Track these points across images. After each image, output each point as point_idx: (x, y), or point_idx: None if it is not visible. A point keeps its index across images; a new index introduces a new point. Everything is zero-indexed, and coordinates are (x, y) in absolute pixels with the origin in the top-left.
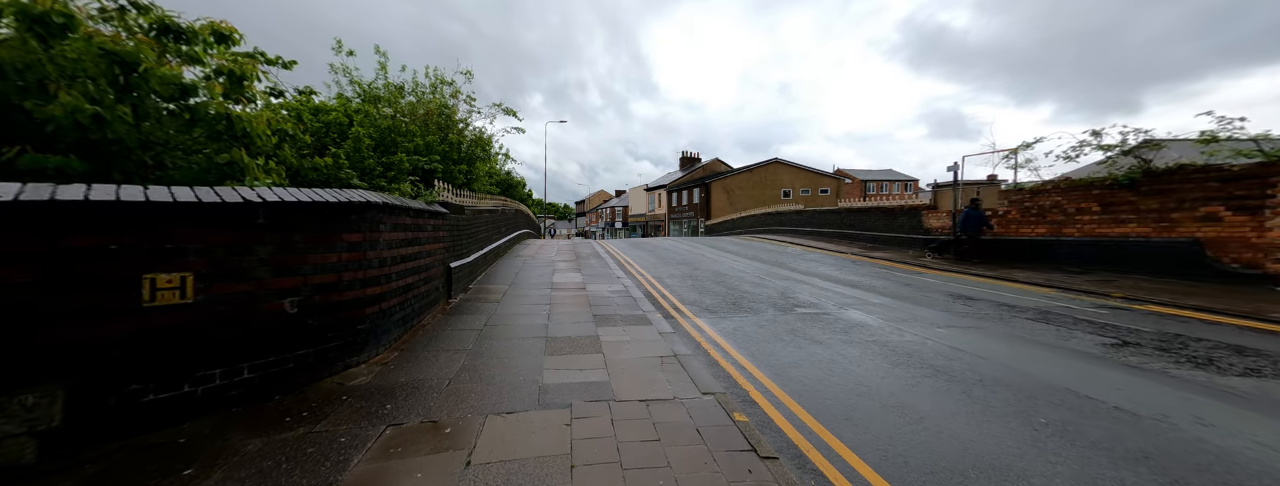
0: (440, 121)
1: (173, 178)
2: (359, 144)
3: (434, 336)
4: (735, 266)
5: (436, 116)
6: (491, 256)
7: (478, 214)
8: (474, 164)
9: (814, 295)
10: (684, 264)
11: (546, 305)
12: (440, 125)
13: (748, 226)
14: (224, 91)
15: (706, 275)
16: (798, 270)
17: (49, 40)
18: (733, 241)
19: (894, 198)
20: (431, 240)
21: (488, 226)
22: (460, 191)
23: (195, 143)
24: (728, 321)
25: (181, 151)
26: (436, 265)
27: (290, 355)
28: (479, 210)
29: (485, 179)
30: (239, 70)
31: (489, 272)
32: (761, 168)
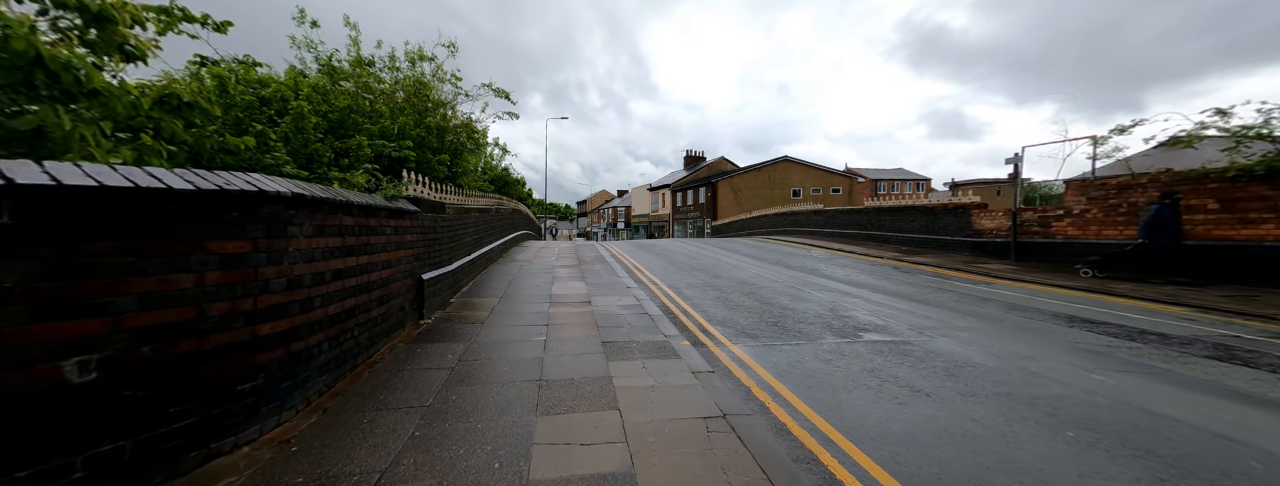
0: (418, 103)
1: None
2: (301, 122)
3: (383, 382)
4: (760, 273)
5: (412, 96)
6: (482, 262)
7: (464, 213)
8: (460, 155)
9: (873, 313)
10: (700, 270)
11: (543, 326)
12: (417, 107)
13: (759, 227)
14: (77, 36)
15: (730, 284)
16: (836, 278)
17: None
18: (747, 243)
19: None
20: (393, 246)
21: (478, 228)
22: (444, 187)
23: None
24: (777, 352)
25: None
26: (400, 278)
27: (73, 457)
28: (466, 209)
29: (477, 175)
30: (98, 6)
31: (478, 282)
32: (770, 166)
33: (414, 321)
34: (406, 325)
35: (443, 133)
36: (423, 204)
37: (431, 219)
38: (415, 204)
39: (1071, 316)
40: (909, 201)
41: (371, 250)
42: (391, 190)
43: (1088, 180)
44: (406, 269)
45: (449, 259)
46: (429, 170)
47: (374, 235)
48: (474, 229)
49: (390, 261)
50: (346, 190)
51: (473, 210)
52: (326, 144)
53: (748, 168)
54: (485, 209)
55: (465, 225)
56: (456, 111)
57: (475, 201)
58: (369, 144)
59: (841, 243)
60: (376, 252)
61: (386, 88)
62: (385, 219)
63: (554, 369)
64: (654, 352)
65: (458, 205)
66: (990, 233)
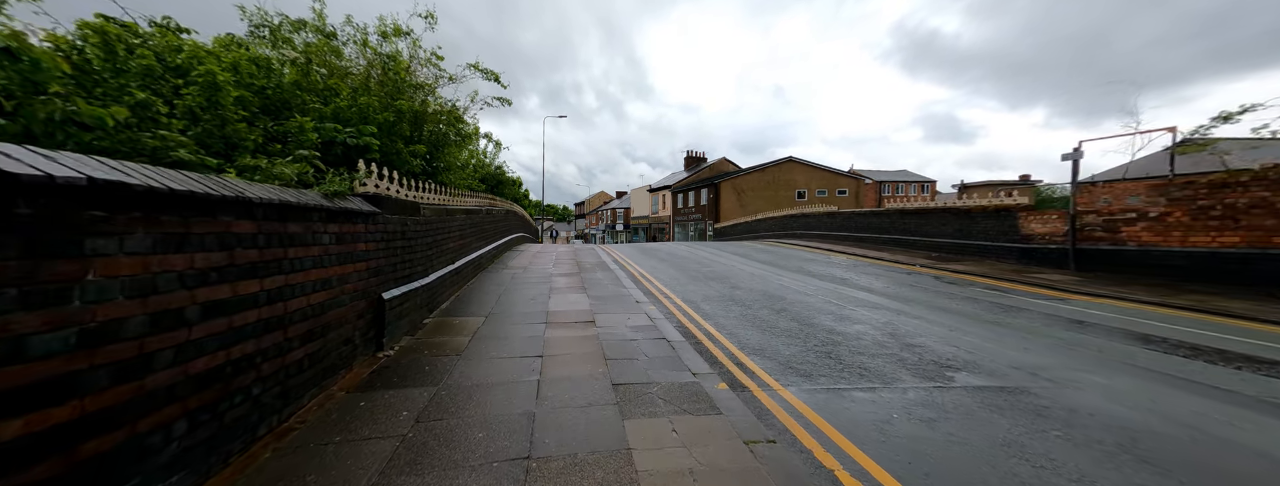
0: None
1: None
2: (216, 94)
3: (289, 470)
4: (785, 283)
5: (381, 74)
6: (470, 271)
7: (447, 215)
8: (443, 148)
9: (946, 341)
10: (715, 279)
11: (536, 359)
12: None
13: (766, 230)
14: None
15: (754, 297)
16: (875, 290)
17: None
18: (757, 247)
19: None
20: (335, 259)
21: (465, 231)
22: (422, 184)
23: None
24: (848, 402)
25: None
26: (347, 300)
27: None
28: (450, 210)
29: (466, 172)
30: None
31: (463, 295)
32: (774, 167)
33: (370, 355)
34: (356, 362)
35: (419, 120)
36: (387, 203)
37: (399, 222)
38: (375, 203)
39: (1244, 355)
40: (939, 203)
41: (293, 266)
42: (336, 185)
43: (1169, 178)
44: (357, 287)
45: (424, 270)
46: (400, 163)
47: (298, 246)
48: (459, 233)
49: (329, 280)
50: (247, 182)
51: (458, 211)
52: (260, 125)
53: (751, 168)
54: (474, 210)
55: (448, 229)
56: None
57: (461, 202)
58: (315, 127)
59: (860, 247)
60: (302, 270)
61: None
62: (320, 223)
63: (549, 435)
64: (684, 402)
65: (438, 206)
66: (1041, 238)
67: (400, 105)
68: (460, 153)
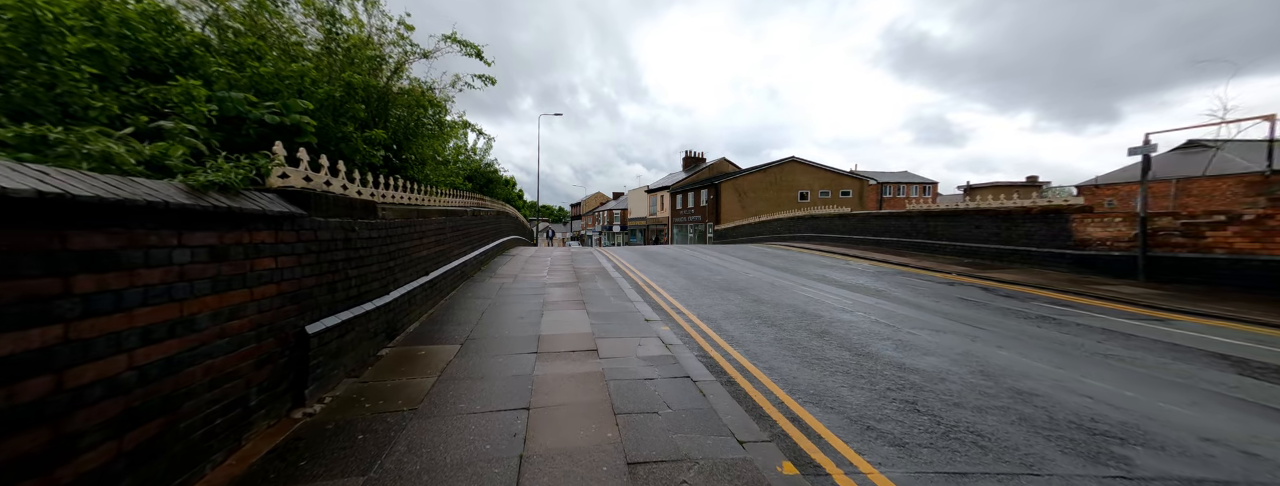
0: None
1: None
2: (35, 38)
3: None
4: (812, 295)
5: (326, 38)
6: (450, 281)
7: (418, 218)
8: (414, 139)
9: (1072, 387)
10: (731, 289)
11: (520, 415)
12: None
13: (771, 232)
14: None
15: (783, 314)
16: (925, 307)
17: None
18: (765, 252)
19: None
20: (208, 285)
21: (444, 236)
22: (388, 180)
23: None
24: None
25: None
26: (228, 347)
27: None
28: (423, 211)
29: (448, 168)
30: None
31: (437, 314)
32: (776, 167)
33: (280, 416)
34: (254, 431)
35: (384, 102)
36: (322, 203)
37: (341, 228)
38: (299, 203)
39: None
40: (972, 204)
41: (91, 307)
42: (220, 174)
43: (1265, 174)
44: (258, 322)
45: (382, 286)
46: (350, 152)
47: (111, 269)
48: (436, 238)
49: (191, 320)
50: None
51: (434, 213)
52: (129, 90)
53: (752, 169)
54: (456, 211)
55: (420, 233)
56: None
57: (440, 202)
58: (216, 96)
59: (878, 252)
60: (120, 309)
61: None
62: (173, 231)
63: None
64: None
65: (405, 206)
66: (1100, 243)
67: (349, 78)
68: (440, 145)
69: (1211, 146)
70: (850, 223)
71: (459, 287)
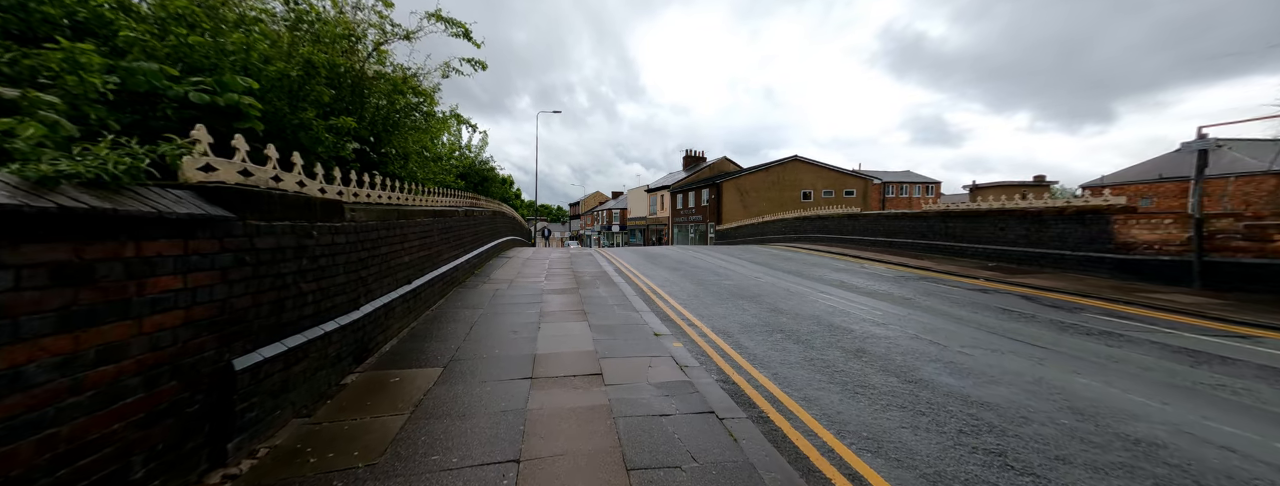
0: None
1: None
2: None
3: None
4: (835, 304)
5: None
6: (438, 289)
7: (399, 219)
8: (396, 131)
9: (1212, 436)
10: (744, 296)
11: (509, 468)
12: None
13: (776, 233)
14: None
15: (808, 327)
16: (965, 320)
17: None
18: (772, 253)
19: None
20: (52, 322)
21: (431, 239)
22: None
23: None
24: None
25: None
26: (94, 405)
27: None
28: (405, 212)
29: (437, 166)
30: None
31: (420, 328)
32: (779, 166)
33: (190, 483)
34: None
35: (359, 88)
36: (265, 202)
37: (292, 234)
38: (226, 202)
39: None
40: (996, 204)
41: None
42: (99, 162)
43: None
44: (156, 360)
45: (351, 301)
46: (310, 142)
47: None
48: (420, 241)
49: (18, 373)
50: None
51: (418, 214)
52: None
53: (755, 168)
54: (445, 211)
55: (402, 237)
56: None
57: (426, 202)
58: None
59: (893, 254)
60: None
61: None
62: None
63: None
64: None
65: (383, 206)
66: (1147, 247)
67: (310, 55)
68: (428, 140)
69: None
70: (861, 223)
71: (448, 295)
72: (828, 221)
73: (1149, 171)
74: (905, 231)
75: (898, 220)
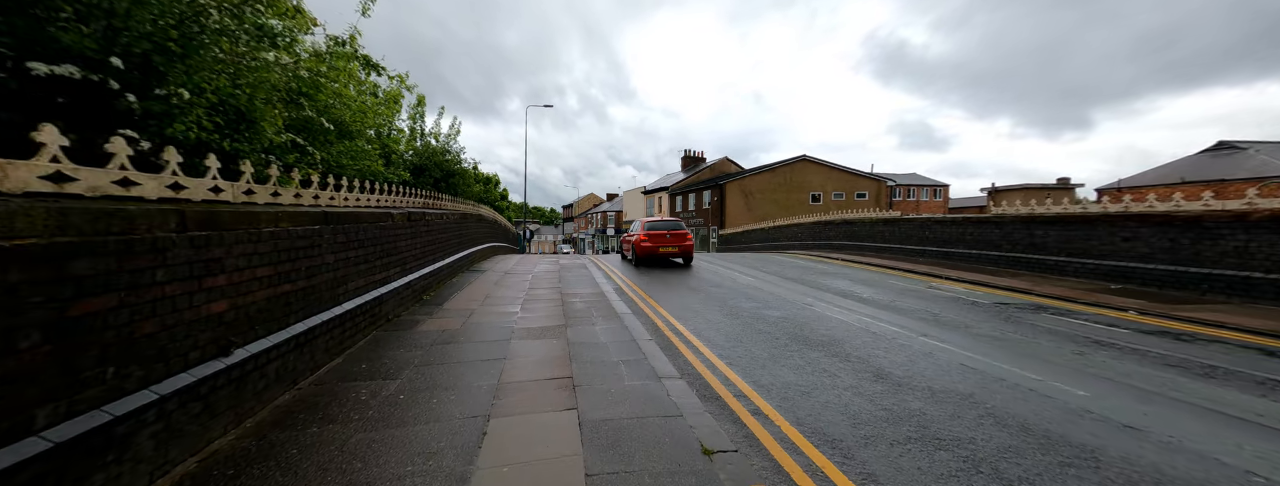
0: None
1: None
2: None
3: None
4: (980, 366)
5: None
6: (330, 339)
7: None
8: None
9: None
10: (814, 343)
11: None
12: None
13: (791, 238)
14: None
15: (969, 416)
16: (1228, 403)
17: None
18: (803, 265)
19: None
20: None
21: (295, 264)
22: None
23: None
24: None
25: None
26: None
27: None
28: (246, 214)
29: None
30: None
31: (238, 451)
32: (786, 166)
33: None
34: None
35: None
36: None
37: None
38: None
39: None
40: (1118, 208)
41: None
42: None
43: None
44: None
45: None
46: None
47: None
48: (255, 271)
49: None
50: None
51: (275, 217)
52: None
53: (760, 168)
54: (369, 214)
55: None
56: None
57: (285, 198)
58: None
59: (954, 269)
60: None
61: None
62: None
63: None
64: None
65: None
66: None
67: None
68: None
69: (1243, 148)
70: (902, 230)
71: (355, 348)
72: (857, 227)
73: (1169, 174)
74: (967, 240)
75: (955, 227)
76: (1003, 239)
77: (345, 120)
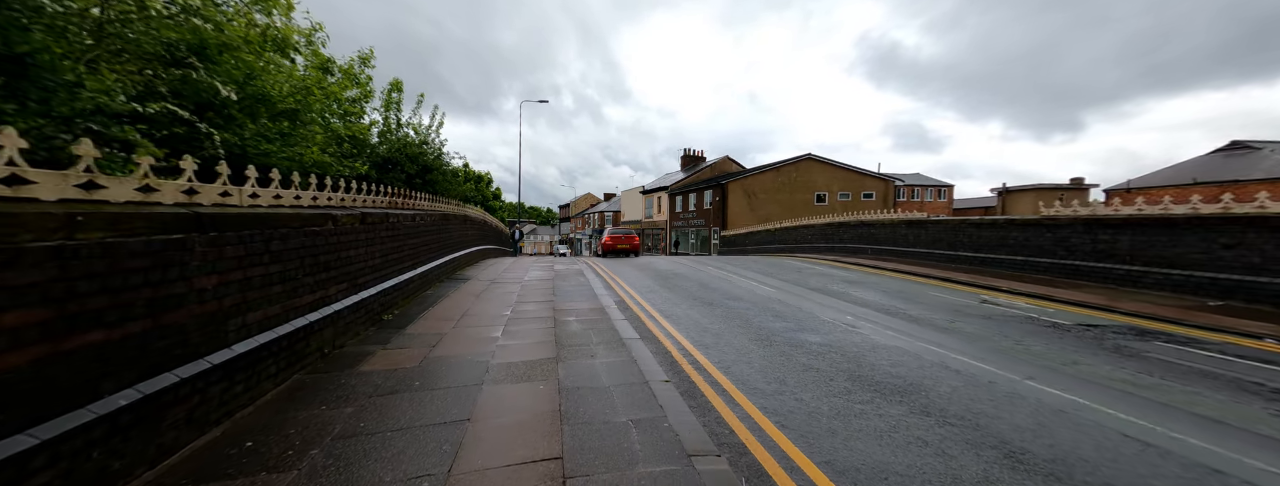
0: None
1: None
2: None
3: None
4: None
5: None
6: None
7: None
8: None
9: None
10: (897, 392)
11: None
12: None
13: (800, 240)
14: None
15: None
16: None
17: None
18: (824, 272)
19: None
20: None
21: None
22: None
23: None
24: None
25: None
26: None
27: None
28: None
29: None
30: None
31: None
32: (791, 165)
33: None
34: None
35: None
36: None
37: None
38: None
39: None
40: (1214, 209)
41: None
42: None
43: None
44: None
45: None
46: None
47: None
48: (41, 318)
49: None
50: None
51: (100, 217)
52: None
53: (763, 167)
54: (284, 214)
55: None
56: None
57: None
58: None
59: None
60: None
61: None
62: None
63: None
64: None
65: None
66: None
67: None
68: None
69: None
70: (929, 233)
71: (249, 413)
72: (876, 229)
73: (1180, 175)
74: (1009, 245)
75: (995, 230)
76: (1057, 244)
77: (272, 96)
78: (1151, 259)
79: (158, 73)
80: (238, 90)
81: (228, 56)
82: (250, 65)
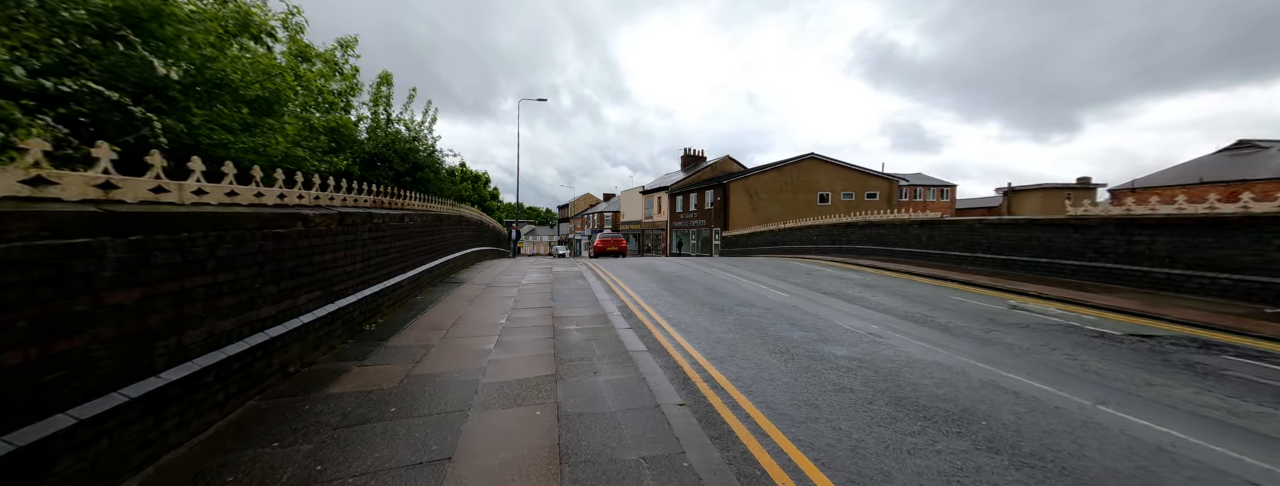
0: None
1: None
2: None
3: None
4: None
5: None
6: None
7: None
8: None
9: None
10: (979, 437)
11: None
12: None
13: (805, 242)
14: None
15: None
16: None
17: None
18: (838, 275)
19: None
20: None
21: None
22: None
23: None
24: None
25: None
26: None
27: None
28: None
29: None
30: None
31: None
32: (793, 165)
33: None
34: None
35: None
36: None
37: None
38: None
39: None
40: (1266, 207)
41: None
42: None
43: None
44: None
45: None
46: None
47: None
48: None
49: None
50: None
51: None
52: None
53: (765, 167)
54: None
55: None
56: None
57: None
58: None
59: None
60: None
61: None
62: None
63: None
64: None
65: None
66: None
67: None
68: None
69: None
70: (943, 234)
71: (181, 454)
72: (885, 230)
73: (1186, 174)
74: (1032, 247)
75: (1017, 231)
76: (1085, 246)
77: (233, 81)
78: (1195, 261)
79: (82, 44)
80: (196, 73)
81: (172, 29)
82: (208, 43)
